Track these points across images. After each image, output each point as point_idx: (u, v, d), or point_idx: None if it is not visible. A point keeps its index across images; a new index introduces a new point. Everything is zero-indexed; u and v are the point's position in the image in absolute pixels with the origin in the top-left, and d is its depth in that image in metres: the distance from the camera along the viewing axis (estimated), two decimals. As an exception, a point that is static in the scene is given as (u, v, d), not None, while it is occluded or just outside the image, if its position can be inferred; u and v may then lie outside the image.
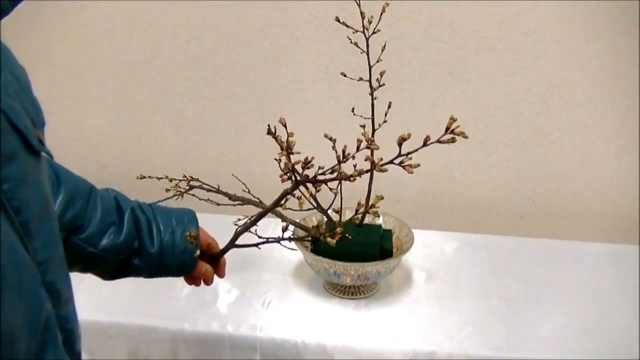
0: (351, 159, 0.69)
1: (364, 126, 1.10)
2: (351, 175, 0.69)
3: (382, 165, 0.66)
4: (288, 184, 1.05)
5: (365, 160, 0.68)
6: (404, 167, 0.66)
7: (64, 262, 0.55)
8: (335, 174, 0.70)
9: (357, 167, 0.69)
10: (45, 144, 0.52)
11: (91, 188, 0.76)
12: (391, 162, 0.66)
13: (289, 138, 0.72)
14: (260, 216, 0.84)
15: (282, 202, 0.80)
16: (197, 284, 0.87)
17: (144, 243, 0.78)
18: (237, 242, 0.86)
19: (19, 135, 0.46)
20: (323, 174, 0.72)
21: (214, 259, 0.87)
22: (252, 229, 1.12)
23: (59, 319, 0.52)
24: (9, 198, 0.45)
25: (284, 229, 0.86)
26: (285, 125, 0.73)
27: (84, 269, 0.77)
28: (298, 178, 0.73)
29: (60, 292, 0.52)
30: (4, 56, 0.49)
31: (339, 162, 0.69)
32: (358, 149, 0.69)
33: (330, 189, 0.73)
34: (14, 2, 0.48)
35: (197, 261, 0.82)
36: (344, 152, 0.69)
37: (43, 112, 0.54)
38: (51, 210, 0.53)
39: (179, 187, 1.10)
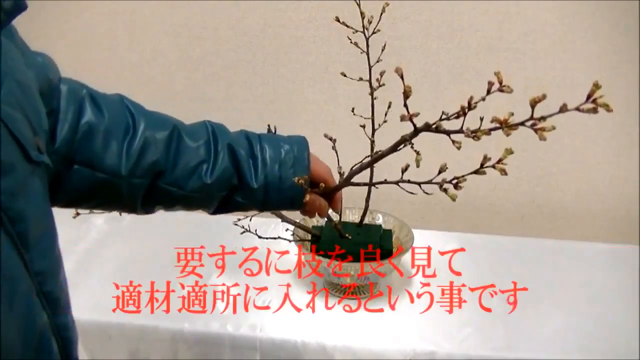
0: (481, 101, 0.65)
1: (364, 126, 1.10)
2: (477, 131, 0.65)
3: (511, 127, 0.63)
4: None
5: (492, 121, 0.64)
6: (535, 130, 0.63)
7: (61, 270, 0.54)
8: (461, 125, 0.66)
9: (482, 127, 0.65)
10: (44, 152, 0.51)
11: (173, 128, 0.72)
12: (522, 123, 0.63)
13: (407, 87, 0.69)
14: (377, 159, 0.81)
15: (400, 147, 0.76)
16: (312, 216, 0.84)
17: (245, 179, 0.73)
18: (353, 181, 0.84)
19: (18, 146, 0.46)
20: (447, 118, 0.68)
21: (329, 194, 0.82)
22: (253, 229, 1.13)
23: (57, 327, 0.51)
24: (5, 209, 0.44)
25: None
26: (402, 77, 0.70)
27: (185, 208, 0.74)
28: (417, 126, 0.70)
29: (58, 301, 0.52)
30: (9, 61, 0.48)
31: (464, 112, 0.66)
32: (489, 92, 0.66)
33: (453, 142, 0.70)
34: (10, 16, 0.47)
35: (307, 199, 0.77)
36: (469, 103, 0.65)
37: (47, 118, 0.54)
38: (50, 219, 0.52)
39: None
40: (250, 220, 1.14)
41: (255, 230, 1.13)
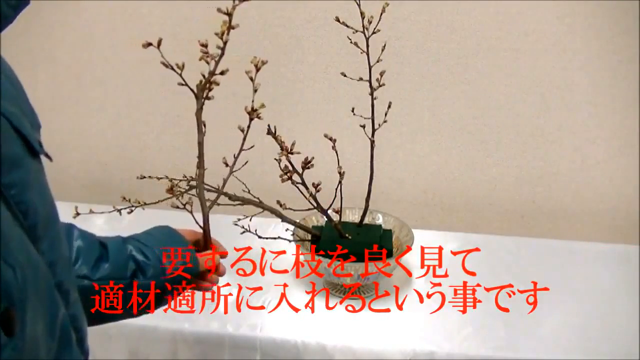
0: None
1: (364, 126, 1.10)
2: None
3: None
4: (288, 184, 1.06)
5: None
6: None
7: (70, 263, 0.55)
8: None
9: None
10: (43, 147, 0.52)
11: (70, 226, 0.75)
12: None
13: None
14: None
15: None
16: (215, 280, 0.86)
17: (139, 264, 0.76)
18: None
19: (22, 140, 0.47)
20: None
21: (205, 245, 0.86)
22: (253, 229, 1.13)
23: (70, 318, 0.52)
24: (17, 202, 0.45)
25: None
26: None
27: (101, 316, 0.74)
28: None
29: (69, 292, 0.52)
30: (1, 63, 0.49)
31: None
32: None
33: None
34: (15, 11, 0.48)
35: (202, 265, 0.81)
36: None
37: (38, 114, 0.55)
38: (55, 212, 0.53)
39: (179, 187, 1.10)
40: (250, 220, 1.14)
41: (255, 230, 1.13)
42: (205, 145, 1.69)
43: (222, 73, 0.73)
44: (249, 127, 0.90)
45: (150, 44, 0.72)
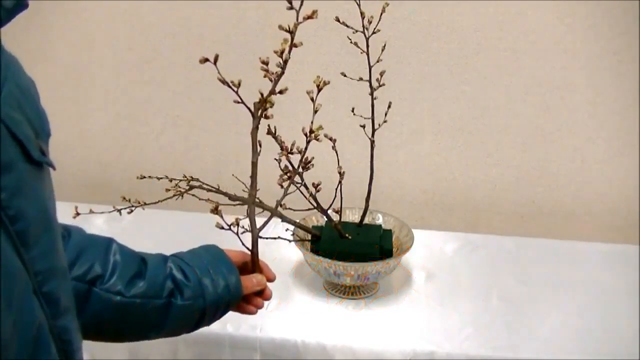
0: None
1: (364, 126, 1.10)
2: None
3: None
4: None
5: None
6: None
7: (66, 273, 0.54)
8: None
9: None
10: (47, 155, 0.51)
11: (109, 241, 0.75)
12: None
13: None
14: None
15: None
16: (260, 305, 0.85)
17: (178, 284, 0.75)
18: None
19: (19, 145, 0.46)
20: None
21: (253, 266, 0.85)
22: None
23: (57, 329, 0.51)
24: (4, 207, 0.45)
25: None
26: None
27: (137, 333, 0.74)
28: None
29: (58, 302, 0.51)
30: (11, 66, 0.49)
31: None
32: None
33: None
34: (10, 14, 0.48)
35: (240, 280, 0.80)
36: None
37: (49, 122, 0.54)
38: (53, 221, 0.52)
39: (179, 187, 1.10)
40: (250, 220, 1.14)
41: (255, 230, 1.13)
42: (204, 145, 1.70)
43: (280, 92, 0.73)
44: (306, 148, 0.91)
45: (207, 60, 0.71)
